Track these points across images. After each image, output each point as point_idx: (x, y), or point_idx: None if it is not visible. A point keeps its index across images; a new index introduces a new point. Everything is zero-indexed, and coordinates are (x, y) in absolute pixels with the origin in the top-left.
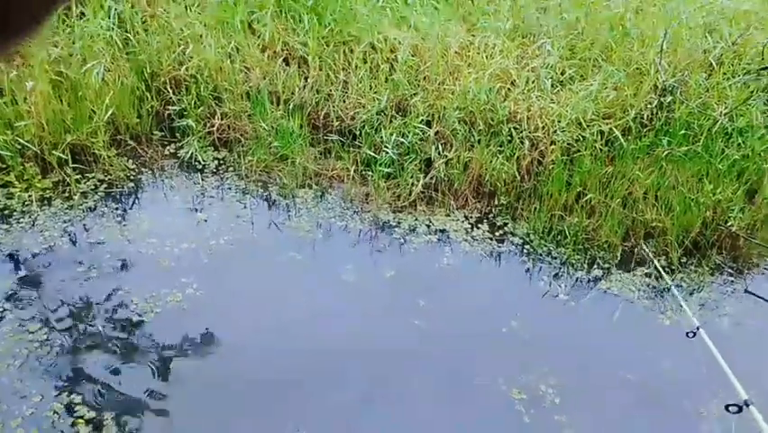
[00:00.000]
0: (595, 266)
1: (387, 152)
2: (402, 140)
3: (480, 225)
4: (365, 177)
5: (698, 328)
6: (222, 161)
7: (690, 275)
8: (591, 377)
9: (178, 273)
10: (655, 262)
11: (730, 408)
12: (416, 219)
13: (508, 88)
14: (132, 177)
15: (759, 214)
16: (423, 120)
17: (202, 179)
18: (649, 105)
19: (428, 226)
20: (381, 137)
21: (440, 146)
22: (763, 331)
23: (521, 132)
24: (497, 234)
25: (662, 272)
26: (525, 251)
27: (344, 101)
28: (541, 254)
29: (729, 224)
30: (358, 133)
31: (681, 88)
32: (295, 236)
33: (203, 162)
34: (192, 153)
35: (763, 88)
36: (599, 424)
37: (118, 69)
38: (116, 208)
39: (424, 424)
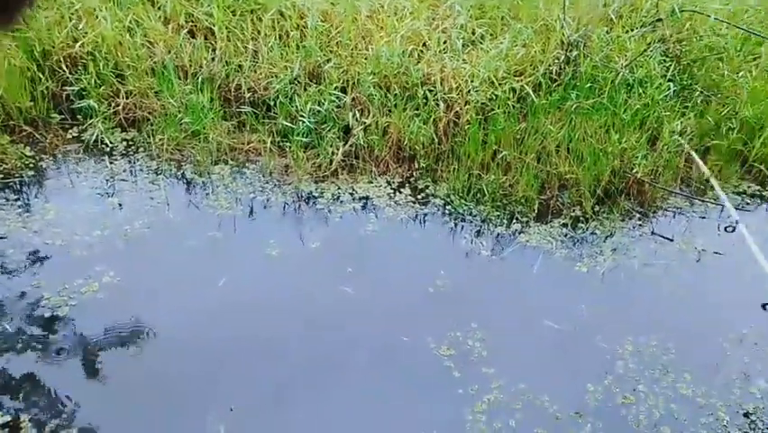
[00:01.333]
0: (514, 221)
1: (303, 122)
2: (318, 108)
3: (402, 190)
4: (283, 148)
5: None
6: (131, 142)
7: (603, 222)
8: (516, 328)
9: (91, 262)
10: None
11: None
12: (339, 188)
13: (421, 51)
14: (31, 165)
15: (660, 159)
16: (338, 87)
17: (110, 163)
18: (557, 61)
19: (351, 195)
20: (296, 106)
21: (357, 113)
22: (668, 269)
23: (436, 94)
24: (419, 197)
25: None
26: (446, 211)
27: (255, 71)
28: (462, 214)
29: (635, 171)
30: (272, 103)
31: (584, 43)
32: (214, 215)
33: (110, 144)
34: (97, 136)
35: (659, 39)
36: (525, 371)
37: (3, 49)
38: (16, 199)
39: (356, 388)
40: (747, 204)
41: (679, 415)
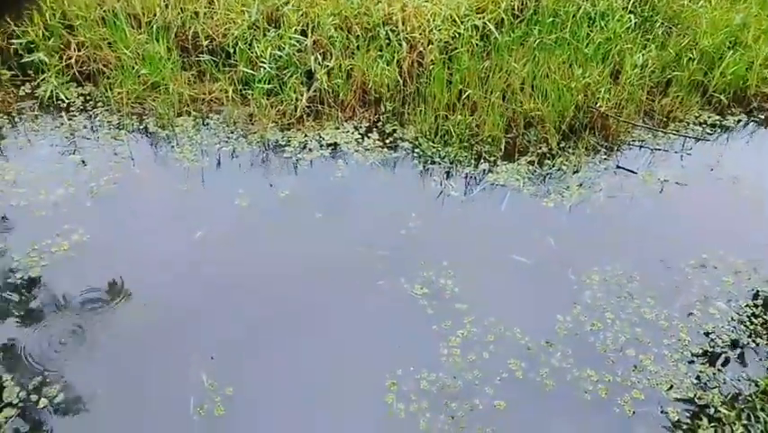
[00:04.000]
0: (482, 161)
1: (265, 68)
2: (279, 53)
3: (369, 135)
4: (246, 96)
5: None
6: (88, 97)
7: (569, 158)
8: (486, 264)
9: (59, 221)
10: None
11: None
12: (306, 135)
13: None
14: None
15: (623, 93)
16: (298, 30)
17: (69, 119)
18: None
19: (319, 142)
20: (257, 52)
21: (319, 56)
22: (633, 200)
23: (398, 34)
24: (387, 141)
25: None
26: (415, 154)
27: (212, 18)
28: (431, 156)
29: (599, 105)
30: (231, 50)
31: None
32: (180, 167)
33: (67, 100)
34: (52, 91)
35: None
36: (496, 305)
37: None
38: None
39: (332, 331)
40: (708, 133)
41: (643, 338)
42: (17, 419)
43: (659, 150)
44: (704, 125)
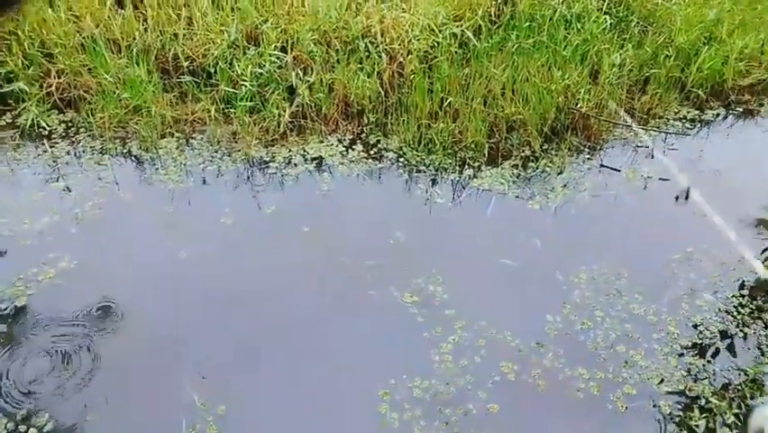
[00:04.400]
0: (466, 167)
1: (246, 86)
2: (260, 71)
3: (354, 147)
4: (228, 115)
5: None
6: (70, 123)
7: (552, 160)
8: (474, 269)
9: (44, 250)
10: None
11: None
12: (290, 150)
13: (359, 2)
14: None
15: (603, 93)
16: (277, 47)
17: (51, 146)
18: (495, 2)
19: (303, 156)
20: (237, 71)
21: (300, 71)
22: (617, 198)
23: (377, 46)
24: (371, 152)
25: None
26: (400, 164)
27: (192, 39)
28: (416, 164)
29: (579, 106)
30: (212, 70)
31: None
32: (165, 189)
33: (48, 127)
34: (33, 120)
35: None
36: (486, 309)
37: None
38: None
39: (324, 343)
40: (688, 128)
41: (632, 333)
42: None
43: (641, 147)
44: (684, 120)
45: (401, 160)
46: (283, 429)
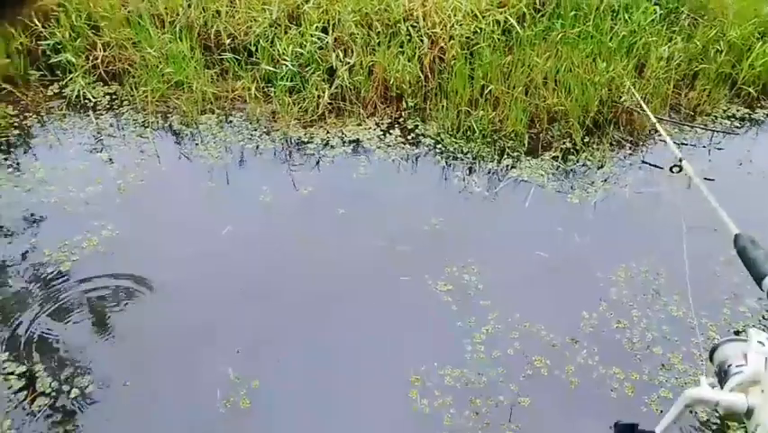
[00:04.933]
0: (505, 156)
1: (287, 66)
2: (301, 50)
3: (391, 131)
4: (268, 94)
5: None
6: (114, 96)
7: (593, 153)
8: (510, 261)
9: (88, 217)
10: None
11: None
12: (328, 132)
13: None
14: (15, 123)
15: (648, 87)
16: (319, 27)
17: (96, 118)
18: None
19: (341, 138)
20: (278, 50)
21: (340, 53)
22: (658, 196)
23: (419, 30)
24: (409, 137)
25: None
26: (437, 150)
27: (234, 17)
28: (453, 152)
29: (623, 99)
30: (254, 48)
31: None
32: (205, 164)
33: (93, 99)
34: (79, 91)
35: None
36: (521, 302)
37: None
38: (5, 159)
39: (356, 326)
40: (737, 127)
41: (671, 336)
42: (49, 408)
43: (686, 144)
44: (732, 119)
45: (439, 146)
46: (313, 407)
